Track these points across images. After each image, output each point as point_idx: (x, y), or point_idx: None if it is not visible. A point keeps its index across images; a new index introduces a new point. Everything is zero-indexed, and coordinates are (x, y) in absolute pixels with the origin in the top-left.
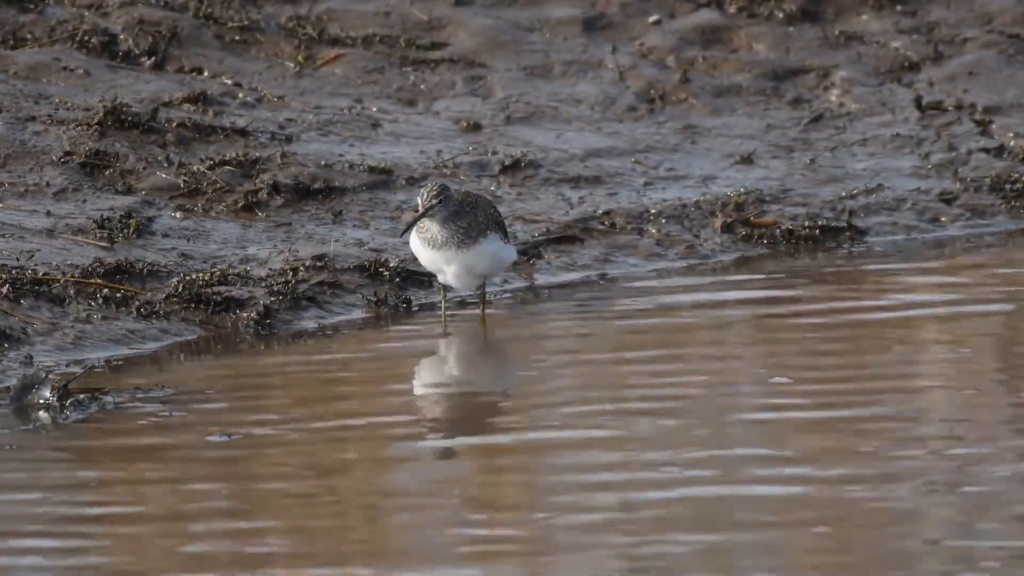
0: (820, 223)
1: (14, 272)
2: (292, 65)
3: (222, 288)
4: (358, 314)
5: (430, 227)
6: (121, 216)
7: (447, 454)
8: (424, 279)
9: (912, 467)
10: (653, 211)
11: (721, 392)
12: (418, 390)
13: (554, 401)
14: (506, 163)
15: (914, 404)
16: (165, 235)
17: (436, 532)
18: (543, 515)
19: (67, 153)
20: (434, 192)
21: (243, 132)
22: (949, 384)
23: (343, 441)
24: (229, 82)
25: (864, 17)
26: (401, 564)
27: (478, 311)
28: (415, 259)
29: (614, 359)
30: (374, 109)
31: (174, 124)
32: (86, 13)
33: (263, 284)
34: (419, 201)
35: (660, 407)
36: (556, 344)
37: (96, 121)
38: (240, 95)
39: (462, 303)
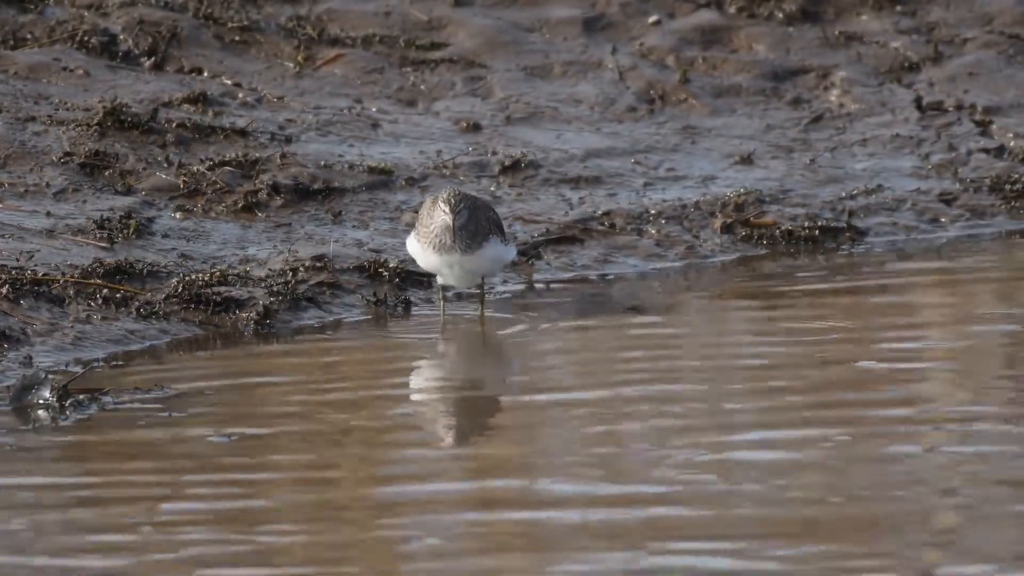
0: (820, 223)
1: (14, 272)
2: (292, 65)
3: (222, 288)
4: (358, 314)
5: (440, 231)
6: (121, 216)
7: (447, 453)
8: (423, 279)
9: (910, 468)
10: (653, 211)
11: (720, 389)
12: (417, 389)
13: (553, 400)
14: (506, 163)
15: (915, 402)
16: (165, 235)
17: (440, 529)
18: (541, 511)
19: (67, 153)
20: (458, 198)
21: (243, 132)
22: (952, 382)
23: (343, 440)
24: (229, 82)
25: (864, 17)
26: (398, 553)
27: (477, 311)
28: (414, 260)
29: (613, 358)
30: (374, 109)
31: (174, 124)
32: (86, 13)
33: (263, 284)
34: (443, 208)
35: (659, 406)
36: (555, 343)
37: (96, 121)
38: (240, 95)
39: (461, 303)
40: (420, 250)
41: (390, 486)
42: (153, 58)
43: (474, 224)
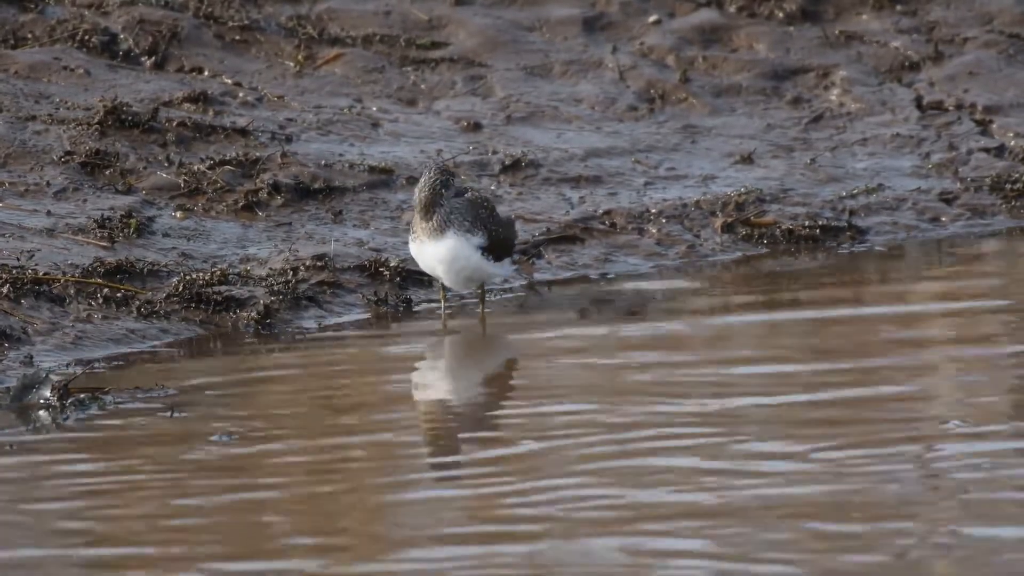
0: (820, 223)
1: (14, 272)
2: (292, 65)
3: (222, 288)
4: (358, 314)
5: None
6: (121, 216)
7: (446, 453)
8: (424, 279)
9: (906, 460)
10: (653, 211)
11: (720, 389)
12: (417, 389)
13: (552, 399)
14: (506, 163)
15: (914, 403)
16: (165, 235)
17: (437, 526)
18: (538, 512)
19: (67, 153)
20: (438, 172)
21: (243, 132)
22: (951, 382)
23: (343, 440)
24: (229, 82)
25: (864, 17)
26: (400, 551)
27: (478, 311)
28: (414, 260)
29: (614, 358)
30: (374, 109)
31: (174, 124)
32: (86, 12)
33: (263, 284)
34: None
35: (660, 407)
36: (555, 343)
37: (96, 121)
38: (240, 95)
39: (462, 303)
40: (410, 241)
41: (389, 487)
42: (153, 57)
43: (449, 212)
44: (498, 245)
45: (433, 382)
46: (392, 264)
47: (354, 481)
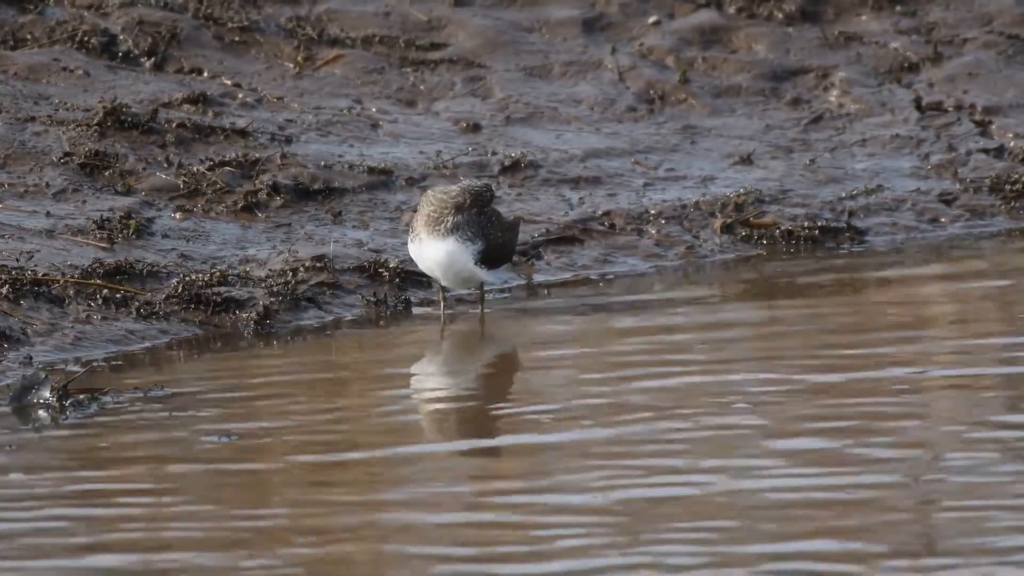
0: (820, 224)
1: (14, 272)
2: (292, 66)
3: (222, 288)
4: (358, 314)
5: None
6: (121, 217)
7: (445, 453)
8: (423, 279)
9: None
10: (653, 212)
11: (720, 389)
12: (416, 389)
13: (551, 399)
14: (506, 163)
15: (917, 400)
16: (165, 236)
17: (439, 533)
18: (537, 504)
19: (67, 154)
20: (476, 191)
21: (243, 133)
22: (951, 380)
23: (342, 441)
24: (229, 83)
25: (864, 17)
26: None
27: (477, 311)
28: (414, 260)
29: (613, 358)
30: (373, 109)
31: (174, 125)
32: (86, 13)
33: (263, 285)
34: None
35: (660, 405)
36: (554, 343)
37: (96, 122)
38: (240, 96)
39: (461, 304)
40: (409, 242)
41: (388, 488)
42: (153, 58)
43: (466, 219)
44: (496, 252)
45: (431, 383)
46: (391, 265)
47: (352, 482)
